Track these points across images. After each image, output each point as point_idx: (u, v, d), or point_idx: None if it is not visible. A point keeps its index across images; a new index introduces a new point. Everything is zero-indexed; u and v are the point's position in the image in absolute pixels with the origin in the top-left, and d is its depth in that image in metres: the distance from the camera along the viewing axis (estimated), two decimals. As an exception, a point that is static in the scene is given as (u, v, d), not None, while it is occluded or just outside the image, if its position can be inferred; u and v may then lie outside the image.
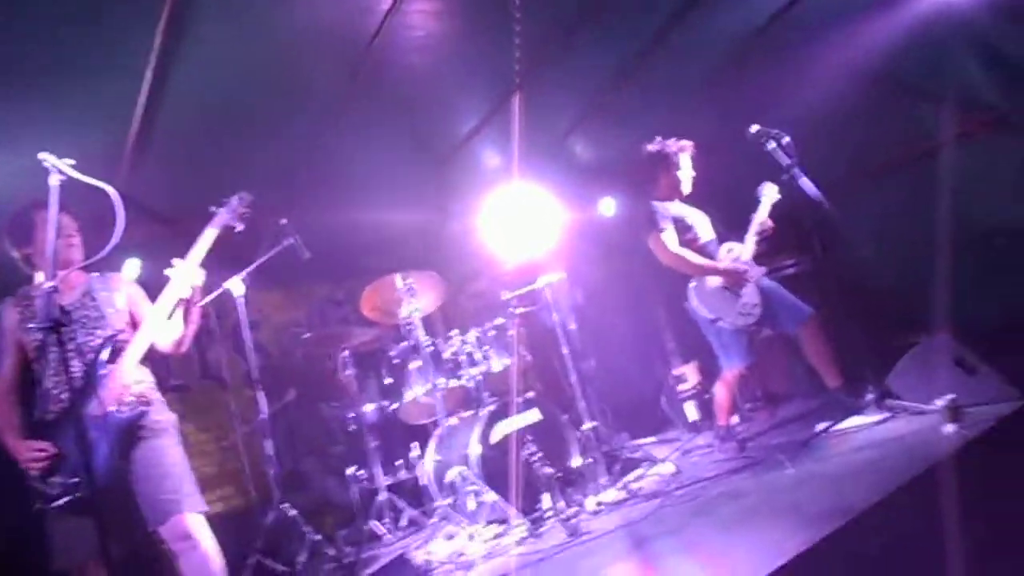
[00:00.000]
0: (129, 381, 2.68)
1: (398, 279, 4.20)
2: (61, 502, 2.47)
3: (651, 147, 4.30)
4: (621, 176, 6.16)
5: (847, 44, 4.63)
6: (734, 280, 4.02)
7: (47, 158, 2.12)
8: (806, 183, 3.73)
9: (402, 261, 4.39)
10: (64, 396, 2.60)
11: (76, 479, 2.47)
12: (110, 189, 2.32)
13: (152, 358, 2.85)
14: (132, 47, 3.03)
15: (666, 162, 4.25)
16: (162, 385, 2.94)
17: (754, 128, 3.89)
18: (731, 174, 4.56)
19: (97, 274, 2.94)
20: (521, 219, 4.67)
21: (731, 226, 4.34)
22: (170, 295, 2.77)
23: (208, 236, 2.97)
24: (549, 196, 4.76)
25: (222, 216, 3.07)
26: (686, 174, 4.26)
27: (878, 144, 5.17)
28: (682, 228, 4.20)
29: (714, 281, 4.07)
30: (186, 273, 2.80)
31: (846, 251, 3.84)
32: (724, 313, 4.01)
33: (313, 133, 4.14)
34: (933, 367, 3.31)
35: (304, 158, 4.39)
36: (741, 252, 4.10)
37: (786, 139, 3.77)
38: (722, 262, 4.09)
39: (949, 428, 2.88)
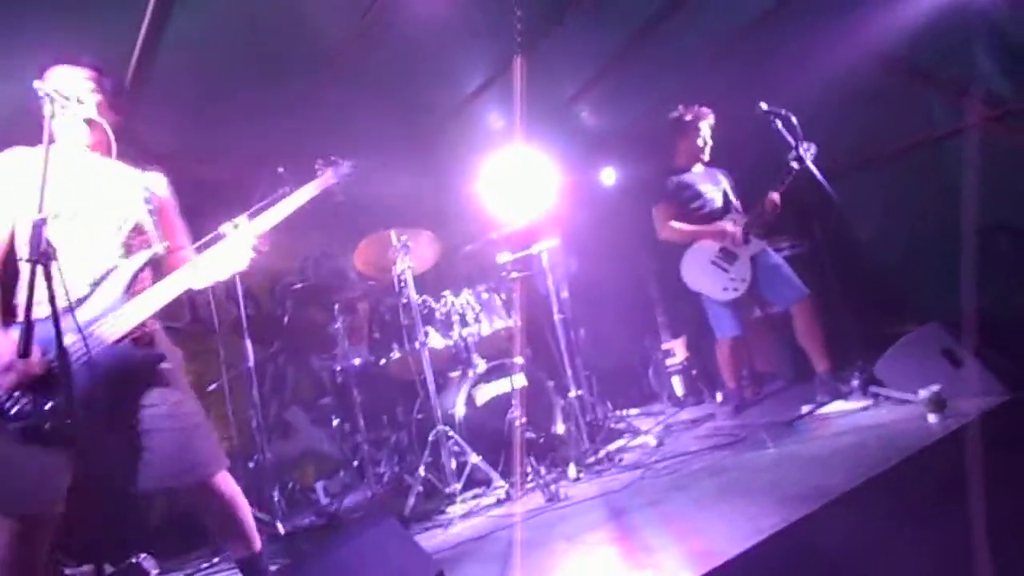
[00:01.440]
0: (145, 319, 2.24)
1: (393, 235, 4.16)
2: (23, 424, 1.88)
3: (672, 114, 4.42)
4: (627, 144, 6.11)
5: (860, 27, 4.57)
6: (722, 240, 4.12)
7: (41, 87, 2.06)
8: (809, 164, 3.72)
9: (398, 218, 4.35)
10: (66, 295, 1.88)
11: (52, 404, 1.90)
12: (103, 121, 2.28)
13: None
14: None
15: (685, 128, 4.38)
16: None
17: (763, 106, 3.86)
18: (735, 150, 4.54)
19: (138, 169, 2.43)
20: (520, 183, 4.64)
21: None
22: (223, 254, 2.43)
23: (299, 196, 2.53)
24: (550, 161, 4.71)
25: (327, 177, 2.63)
26: (704, 141, 4.37)
27: (884, 129, 5.11)
28: (689, 197, 4.33)
29: (705, 255, 4.18)
30: (249, 238, 2.42)
31: (845, 235, 3.83)
32: (707, 287, 4.18)
33: (314, 80, 4.07)
34: (921, 357, 3.32)
35: (304, 105, 4.32)
36: (740, 223, 4.18)
37: (793, 119, 3.75)
38: (711, 227, 4.20)
39: (931, 419, 2.91)
